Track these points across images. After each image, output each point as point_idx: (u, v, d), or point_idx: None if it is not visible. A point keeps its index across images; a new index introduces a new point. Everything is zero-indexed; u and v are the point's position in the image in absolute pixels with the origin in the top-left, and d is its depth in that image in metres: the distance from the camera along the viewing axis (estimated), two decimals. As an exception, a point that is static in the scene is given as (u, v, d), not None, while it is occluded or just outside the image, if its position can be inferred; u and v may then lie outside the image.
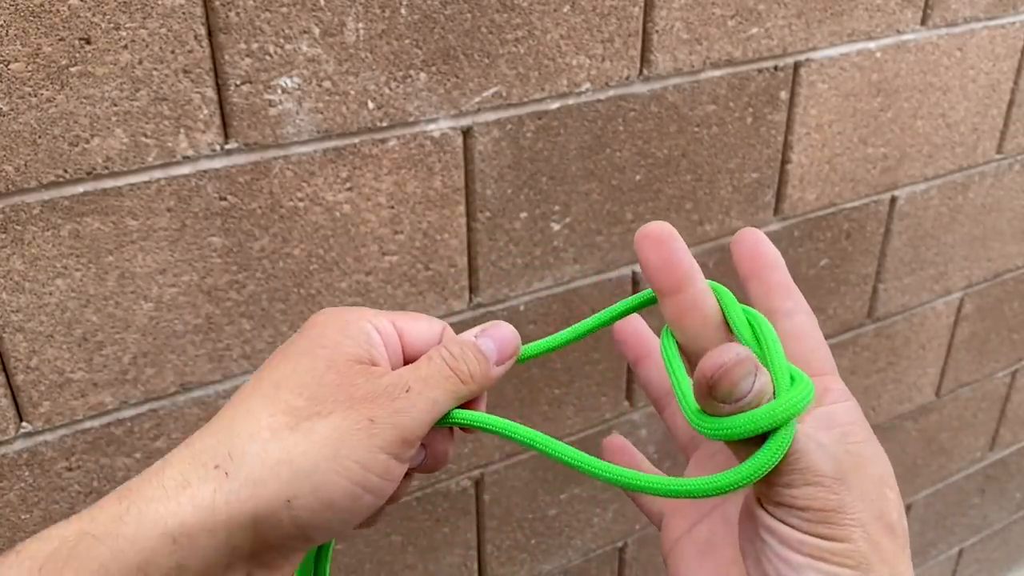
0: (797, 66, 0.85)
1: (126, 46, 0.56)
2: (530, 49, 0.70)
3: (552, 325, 0.83)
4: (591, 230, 0.81)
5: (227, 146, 0.62)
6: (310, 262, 0.69)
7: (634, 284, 0.86)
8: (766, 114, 0.85)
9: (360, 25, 0.63)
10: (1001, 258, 1.17)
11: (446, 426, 0.40)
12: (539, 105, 0.73)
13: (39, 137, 0.56)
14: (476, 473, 0.87)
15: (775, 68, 0.84)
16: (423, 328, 0.40)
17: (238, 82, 0.60)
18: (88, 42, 0.55)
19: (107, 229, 0.60)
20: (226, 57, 0.59)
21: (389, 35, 0.64)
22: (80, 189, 0.58)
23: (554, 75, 0.72)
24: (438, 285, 0.75)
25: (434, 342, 0.40)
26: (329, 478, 0.34)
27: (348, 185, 0.68)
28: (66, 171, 0.57)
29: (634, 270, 0.85)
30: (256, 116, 0.62)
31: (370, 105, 0.66)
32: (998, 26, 0.97)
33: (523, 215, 0.77)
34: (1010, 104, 1.04)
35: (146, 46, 0.57)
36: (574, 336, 0.43)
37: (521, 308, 0.81)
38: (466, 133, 0.71)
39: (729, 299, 0.37)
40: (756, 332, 0.36)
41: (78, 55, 0.55)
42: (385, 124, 0.67)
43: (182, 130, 0.60)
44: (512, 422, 0.40)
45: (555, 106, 0.73)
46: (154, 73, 0.57)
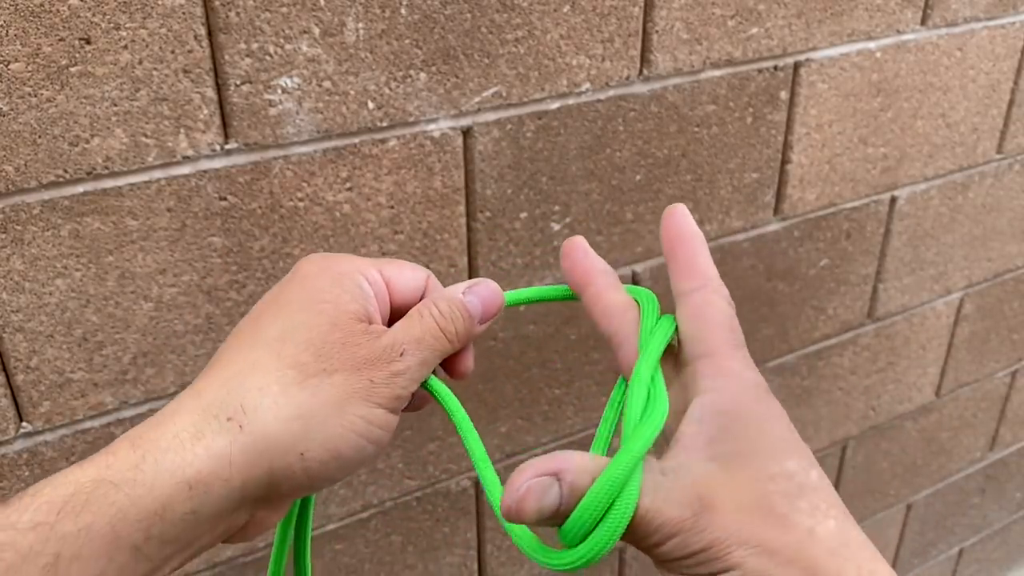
0: (797, 66, 0.85)
1: (126, 46, 0.56)
2: (530, 49, 0.70)
3: (552, 325, 0.83)
4: (591, 230, 0.81)
5: (227, 146, 0.62)
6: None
7: (634, 284, 0.86)
8: (766, 114, 0.85)
9: (360, 25, 0.63)
10: (1001, 258, 1.17)
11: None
12: (539, 105, 0.73)
13: (39, 137, 0.56)
14: (476, 473, 0.87)
15: (775, 68, 0.84)
16: (408, 276, 0.43)
17: (238, 82, 0.60)
18: (88, 42, 0.55)
19: (107, 229, 0.60)
20: (226, 57, 0.59)
21: (389, 35, 0.64)
22: (80, 189, 0.58)
23: (554, 75, 0.72)
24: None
25: (419, 290, 0.43)
26: (337, 432, 0.37)
27: (348, 185, 0.68)
28: (66, 171, 0.57)
29: (634, 269, 0.85)
30: (256, 116, 0.62)
31: (370, 105, 0.66)
32: (998, 26, 0.97)
33: (523, 215, 0.77)
34: (1010, 104, 1.04)
35: (146, 46, 0.57)
36: (559, 294, 0.45)
37: (521, 308, 0.81)
38: (466, 133, 0.71)
39: (647, 308, 0.40)
40: (644, 343, 0.38)
41: (78, 55, 0.55)
42: (385, 124, 0.67)
43: (182, 130, 0.60)
44: (462, 414, 0.42)
45: (555, 106, 0.73)
46: (154, 73, 0.57)
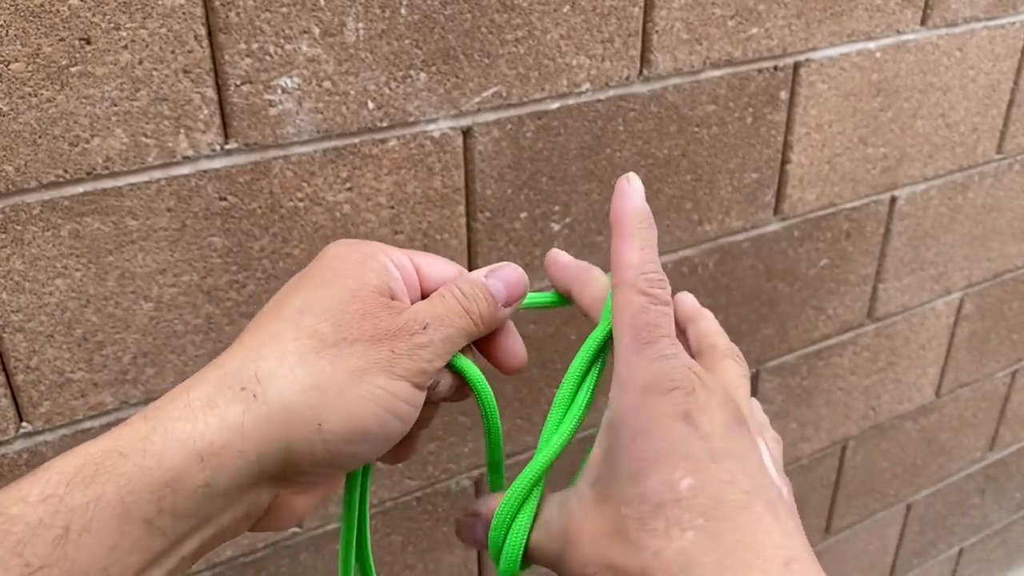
0: (797, 66, 0.85)
1: (126, 46, 0.56)
2: (530, 49, 0.70)
3: (552, 325, 0.83)
4: (591, 230, 0.81)
5: (227, 146, 0.62)
6: (310, 262, 0.69)
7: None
8: (766, 114, 0.85)
9: (360, 25, 0.63)
10: (1001, 258, 1.17)
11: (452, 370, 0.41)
12: (539, 105, 0.73)
13: (39, 137, 0.56)
14: (476, 473, 0.87)
15: (775, 68, 0.84)
16: (440, 266, 0.42)
17: (238, 82, 0.60)
18: (88, 42, 0.55)
19: (107, 229, 0.60)
20: (226, 57, 0.59)
21: (389, 35, 0.64)
22: (80, 189, 0.58)
23: (554, 75, 0.72)
24: (438, 285, 0.75)
25: (451, 279, 0.42)
26: (357, 403, 0.35)
27: (348, 185, 0.68)
28: (66, 171, 0.57)
29: (634, 270, 0.85)
30: (256, 116, 0.62)
31: (370, 105, 0.66)
32: (998, 26, 0.97)
33: (523, 215, 0.77)
34: (1010, 104, 1.04)
35: (146, 46, 0.57)
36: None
37: (521, 308, 0.81)
38: (466, 133, 0.71)
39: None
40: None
41: (78, 55, 0.55)
42: (385, 124, 0.67)
43: (182, 130, 0.60)
44: (488, 394, 0.42)
45: (555, 106, 0.73)
46: (154, 73, 0.57)
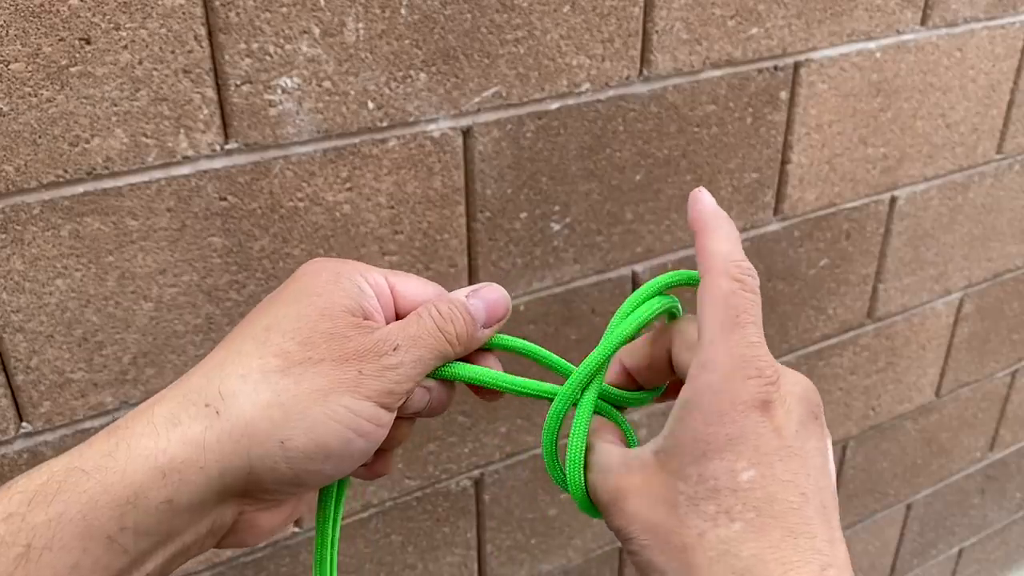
0: (797, 66, 0.85)
1: (126, 46, 0.56)
2: (530, 49, 0.70)
3: (552, 325, 0.83)
4: (591, 230, 0.81)
5: (227, 146, 0.62)
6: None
7: (634, 284, 0.86)
8: (766, 114, 0.85)
9: (360, 25, 0.63)
10: (1001, 258, 1.17)
11: (439, 378, 0.41)
12: (539, 105, 0.73)
13: (39, 137, 0.56)
14: (476, 473, 0.87)
15: (775, 68, 0.84)
16: (416, 286, 0.41)
17: (238, 82, 0.60)
18: (88, 42, 0.55)
19: (107, 229, 0.60)
20: (226, 57, 0.59)
21: (389, 35, 0.64)
22: (80, 189, 0.58)
23: (554, 75, 0.72)
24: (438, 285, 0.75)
25: (429, 300, 0.41)
26: (320, 421, 0.35)
27: (348, 185, 0.68)
28: (66, 171, 0.57)
29: (634, 269, 0.85)
30: (256, 116, 0.62)
31: (370, 105, 0.66)
32: (998, 26, 0.97)
33: (523, 215, 0.77)
34: (1010, 104, 1.04)
35: (146, 46, 0.57)
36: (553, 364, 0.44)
37: (521, 308, 0.81)
38: (466, 133, 0.71)
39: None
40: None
41: (78, 55, 0.55)
42: (385, 124, 0.67)
43: (182, 130, 0.60)
44: (495, 372, 0.41)
45: (555, 106, 0.73)
46: (154, 73, 0.57)
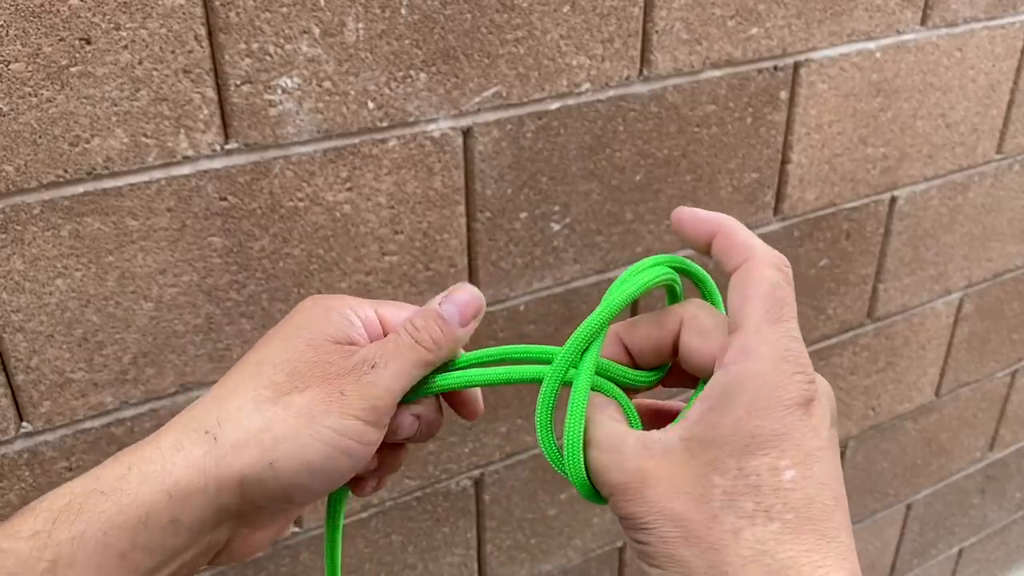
0: (797, 66, 0.85)
1: (126, 46, 0.56)
2: (530, 49, 0.70)
3: (552, 325, 0.83)
4: (591, 230, 0.81)
5: (227, 146, 0.62)
6: (310, 262, 0.69)
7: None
8: (766, 114, 0.85)
9: (360, 25, 0.63)
10: (1001, 258, 1.17)
11: (429, 394, 0.42)
12: (539, 105, 0.73)
13: (39, 137, 0.56)
14: (476, 473, 0.87)
15: (775, 68, 0.84)
16: (400, 312, 0.43)
17: (238, 82, 0.60)
18: (88, 42, 0.55)
19: (107, 229, 0.60)
20: (226, 57, 0.59)
21: (389, 35, 0.64)
22: (80, 189, 0.58)
23: (554, 75, 0.72)
24: (438, 285, 0.75)
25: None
26: (307, 442, 0.38)
27: (348, 185, 0.68)
28: (66, 171, 0.57)
29: (634, 270, 0.85)
30: (256, 116, 0.62)
31: (370, 105, 0.66)
32: (998, 26, 0.97)
33: (523, 215, 0.77)
34: (1010, 104, 1.04)
35: (146, 46, 0.57)
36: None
37: (521, 308, 0.81)
38: (466, 133, 0.71)
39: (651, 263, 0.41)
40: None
41: (78, 55, 0.55)
42: (385, 124, 0.67)
43: (182, 130, 0.60)
44: (484, 370, 0.42)
45: (555, 106, 0.73)
46: (154, 73, 0.57)
